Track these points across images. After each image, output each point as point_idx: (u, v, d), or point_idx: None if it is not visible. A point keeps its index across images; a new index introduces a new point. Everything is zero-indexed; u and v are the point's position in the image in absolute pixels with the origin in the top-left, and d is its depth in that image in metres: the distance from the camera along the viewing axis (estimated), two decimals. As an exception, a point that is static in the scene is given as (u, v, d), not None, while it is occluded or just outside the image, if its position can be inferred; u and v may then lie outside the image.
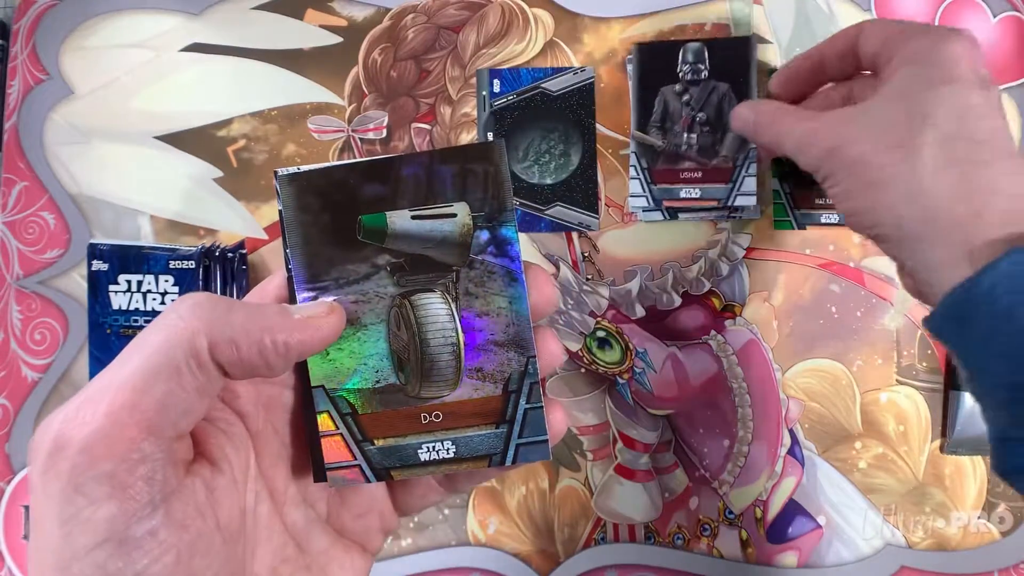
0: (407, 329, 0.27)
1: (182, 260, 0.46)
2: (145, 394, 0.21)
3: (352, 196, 0.26)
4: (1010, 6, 0.55)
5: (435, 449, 0.27)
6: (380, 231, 0.26)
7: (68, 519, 0.20)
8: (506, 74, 0.52)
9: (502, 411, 0.27)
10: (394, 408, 0.27)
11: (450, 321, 0.27)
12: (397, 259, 0.27)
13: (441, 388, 0.27)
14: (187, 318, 0.23)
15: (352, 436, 0.27)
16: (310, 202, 0.26)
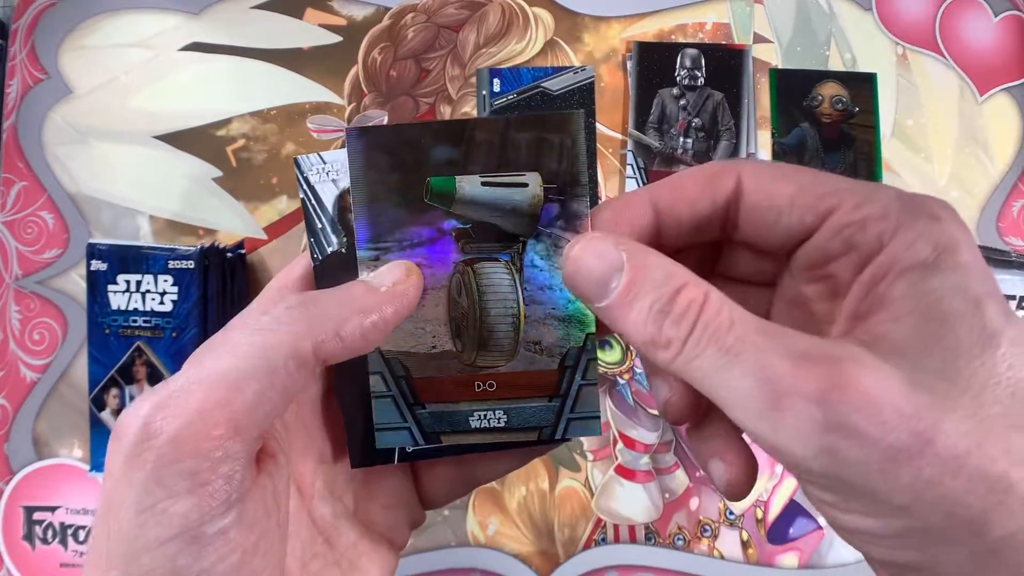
0: (468, 297, 0.26)
1: (181, 260, 0.46)
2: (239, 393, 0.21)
3: (422, 157, 0.25)
4: (1011, 5, 0.55)
5: (486, 417, 0.27)
6: (448, 195, 0.26)
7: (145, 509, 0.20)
8: (506, 73, 0.52)
9: (557, 385, 0.26)
10: (448, 374, 0.26)
11: (512, 292, 0.26)
12: (463, 225, 0.26)
13: (497, 358, 0.26)
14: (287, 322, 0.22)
15: (404, 399, 0.27)
16: (379, 160, 0.25)
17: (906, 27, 0.54)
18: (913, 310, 0.19)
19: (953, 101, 0.54)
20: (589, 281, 0.22)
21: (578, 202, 0.25)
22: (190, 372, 0.21)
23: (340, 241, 0.27)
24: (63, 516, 0.49)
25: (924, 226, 0.20)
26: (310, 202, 0.27)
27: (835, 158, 0.52)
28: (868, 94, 0.53)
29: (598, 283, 0.22)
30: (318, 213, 0.27)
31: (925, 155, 0.53)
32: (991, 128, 0.54)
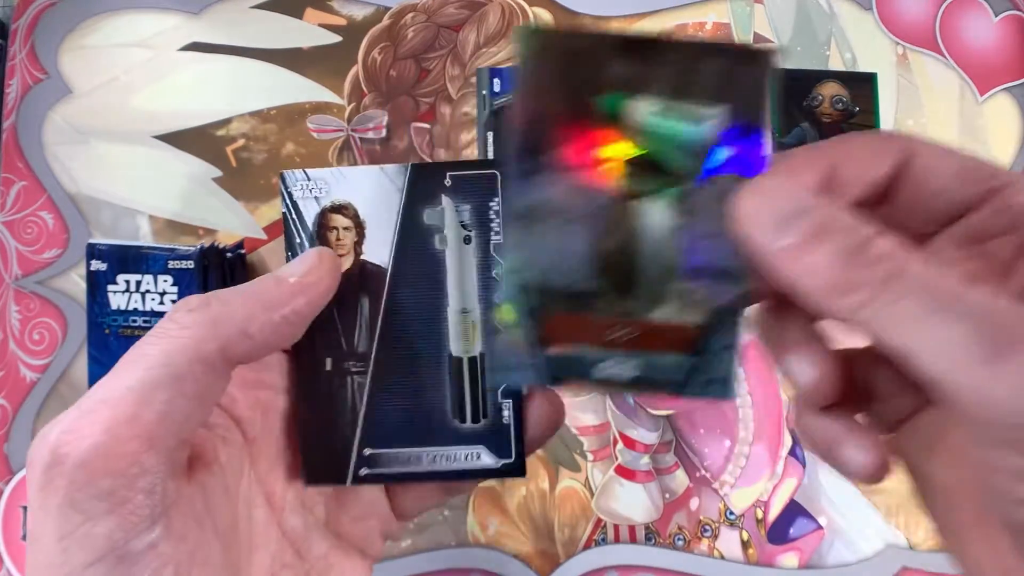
0: (621, 234, 0.23)
1: (181, 260, 0.46)
2: (146, 406, 0.21)
3: (597, 70, 0.22)
4: (1011, 5, 0.55)
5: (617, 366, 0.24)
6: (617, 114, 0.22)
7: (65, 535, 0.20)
8: (506, 73, 0.52)
9: (698, 341, 0.24)
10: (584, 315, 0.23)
11: (670, 235, 0.23)
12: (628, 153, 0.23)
13: (642, 304, 0.23)
14: (189, 324, 0.22)
15: (531, 335, 0.24)
16: (549, 68, 0.22)
17: (906, 27, 0.54)
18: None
19: (953, 101, 0.54)
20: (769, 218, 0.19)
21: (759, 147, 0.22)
22: (96, 392, 0.21)
23: None
24: (63, 516, 0.49)
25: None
26: (291, 216, 0.28)
27: (835, 158, 0.52)
28: (868, 94, 0.53)
29: (779, 221, 0.19)
30: (298, 228, 0.28)
31: (925, 155, 0.53)
32: (991, 128, 0.54)
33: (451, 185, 0.27)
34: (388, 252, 0.27)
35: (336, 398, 0.28)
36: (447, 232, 0.27)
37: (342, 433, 0.28)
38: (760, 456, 0.50)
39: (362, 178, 0.27)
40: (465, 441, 0.27)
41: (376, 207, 0.27)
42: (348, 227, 0.27)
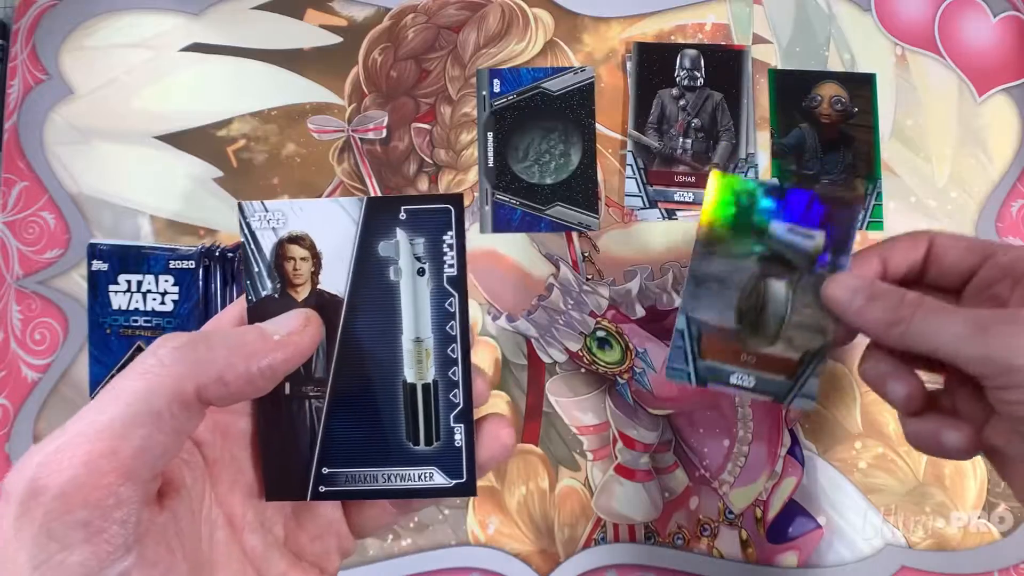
0: (756, 297, 0.37)
1: (182, 260, 0.46)
2: (123, 440, 0.21)
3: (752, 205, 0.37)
4: (1010, 6, 0.55)
5: (741, 378, 0.37)
6: (763, 231, 0.36)
7: (41, 563, 0.20)
8: (506, 74, 0.52)
9: (795, 370, 0.37)
10: (725, 342, 0.37)
11: (785, 303, 0.37)
12: (766, 251, 0.37)
13: (761, 342, 0.37)
14: (170, 364, 0.23)
15: (691, 351, 0.37)
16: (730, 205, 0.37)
17: (905, 27, 0.54)
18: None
19: (952, 101, 0.54)
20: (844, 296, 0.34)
21: (844, 259, 0.36)
22: (74, 426, 0.22)
23: (274, 287, 0.29)
24: (64, 515, 0.49)
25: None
26: (250, 246, 0.29)
27: (834, 158, 0.52)
28: (867, 94, 0.53)
29: (850, 298, 0.34)
30: (256, 258, 0.29)
31: (924, 155, 0.53)
32: (990, 128, 0.54)
33: (406, 219, 0.28)
34: (344, 282, 0.29)
35: (295, 420, 0.29)
36: (401, 264, 0.29)
37: (301, 453, 0.29)
38: (759, 455, 0.50)
39: (318, 210, 0.29)
40: (419, 463, 0.29)
41: (332, 238, 0.29)
42: (305, 257, 0.29)
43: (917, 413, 0.33)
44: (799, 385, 0.37)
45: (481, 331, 0.51)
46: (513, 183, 0.51)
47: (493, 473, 0.50)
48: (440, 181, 0.51)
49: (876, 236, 0.52)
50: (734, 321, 0.37)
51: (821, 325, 0.36)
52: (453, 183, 0.51)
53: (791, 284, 0.37)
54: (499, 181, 0.51)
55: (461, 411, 0.29)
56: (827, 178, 0.52)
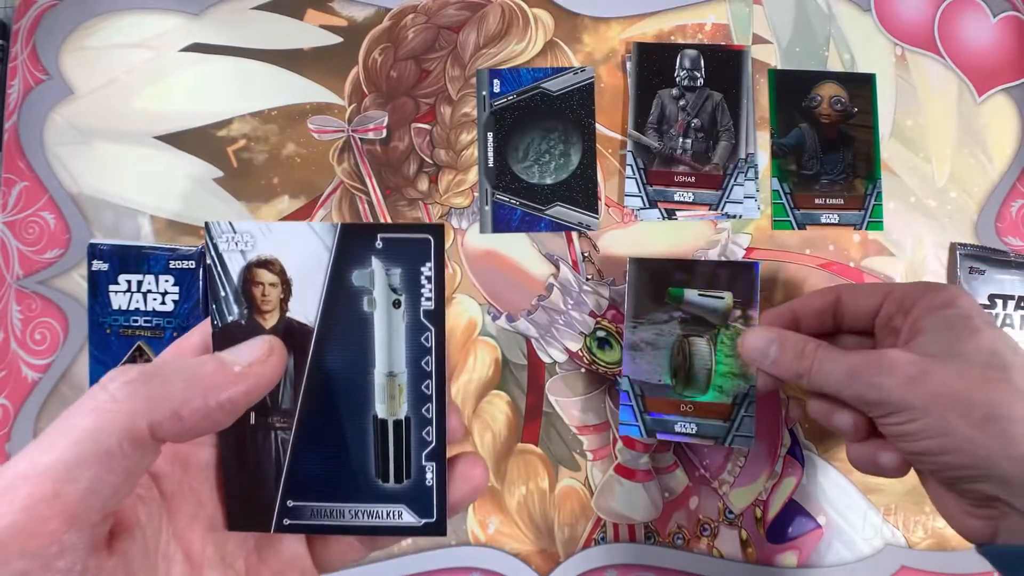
0: (683, 356, 0.45)
1: (182, 260, 0.46)
2: (69, 483, 0.20)
3: (668, 277, 0.46)
4: (1010, 6, 0.55)
5: (685, 426, 0.44)
6: (679, 298, 0.45)
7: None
8: (506, 74, 0.52)
9: (729, 413, 0.44)
10: (665, 397, 0.45)
11: (709, 356, 0.44)
12: (685, 315, 0.45)
13: (695, 392, 0.44)
14: (122, 399, 0.22)
15: (638, 407, 0.45)
16: (644, 277, 0.46)
17: (905, 28, 0.54)
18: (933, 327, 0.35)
19: (952, 101, 0.54)
20: (756, 351, 0.40)
21: (753, 311, 0.44)
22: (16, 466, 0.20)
23: (240, 312, 0.27)
24: (64, 515, 0.49)
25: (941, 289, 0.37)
26: (216, 268, 0.27)
27: (834, 158, 0.52)
28: (867, 94, 0.53)
29: (763, 352, 0.40)
30: (223, 281, 0.27)
31: (924, 155, 0.53)
32: (990, 128, 0.54)
33: (382, 247, 0.27)
34: (315, 311, 0.27)
35: (260, 451, 0.28)
36: (376, 295, 0.27)
37: (266, 484, 0.28)
38: (759, 455, 0.50)
39: (290, 234, 0.27)
40: (388, 499, 0.28)
41: (304, 264, 0.27)
42: (274, 283, 0.27)
43: (863, 439, 0.38)
44: (735, 426, 0.43)
45: (481, 331, 0.51)
46: (513, 183, 0.51)
47: (494, 473, 0.50)
48: (440, 181, 0.51)
49: (876, 236, 0.52)
50: (668, 378, 0.45)
51: (744, 372, 0.43)
52: (453, 183, 0.51)
53: (711, 340, 0.44)
54: (499, 181, 0.51)
55: (433, 449, 0.28)
56: (827, 178, 0.52)
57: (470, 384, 0.50)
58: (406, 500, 0.28)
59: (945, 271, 0.52)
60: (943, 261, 0.52)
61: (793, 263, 0.51)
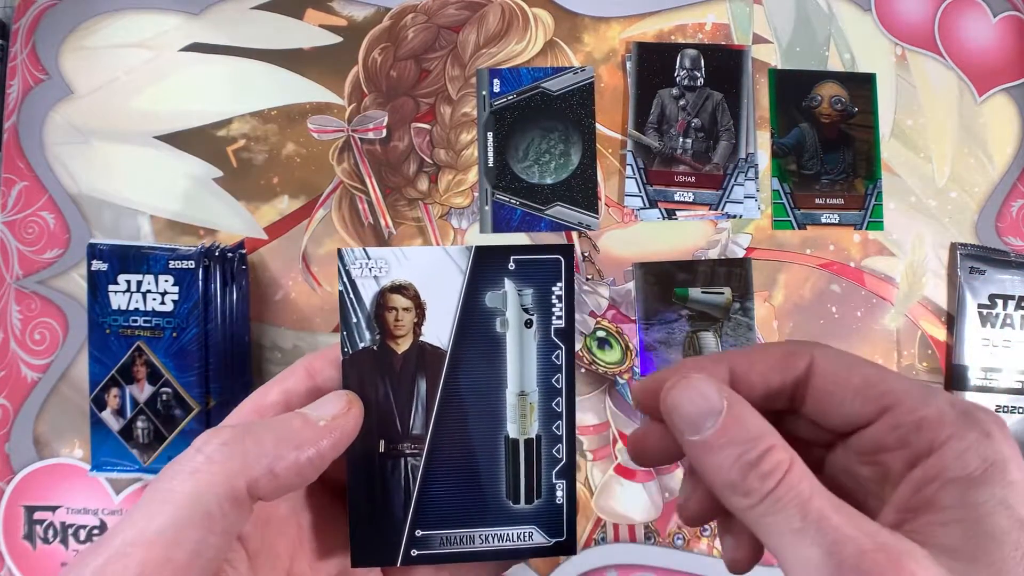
0: (693, 350, 0.49)
1: (182, 260, 0.46)
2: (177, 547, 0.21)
3: (672, 278, 0.49)
4: (1010, 6, 0.55)
5: None
6: (684, 297, 0.48)
7: None
8: (506, 74, 0.52)
9: None
10: None
11: (717, 348, 0.48)
12: (692, 312, 0.49)
13: None
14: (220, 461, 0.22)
15: None
16: (650, 280, 0.49)
17: (905, 27, 0.54)
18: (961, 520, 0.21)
19: (952, 101, 0.54)
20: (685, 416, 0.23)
21: (750, 302, 0.47)
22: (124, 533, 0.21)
23: (372, 338, 0.27)
24: (64, 516, 0.49)
25: (976, 439, 0.21)
26: (348, 295, 0.27)
27: (834, 158, 0.52)
28: (867, 94, 0.53)
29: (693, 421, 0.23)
30: (355, 307, 0.27)
31: (924, 155, 0.53)
32: (990, 128, 0.54)
33: (514, 269, 0.27)
34: (448, 334, 0.27)
35: (389, 480, 0.28)
36: (508, 315, 0.27)
37: (394, 514, 0.28)
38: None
39: (424, 258, 0.27)
40: (518, 521, 0.28)
41: (437, 288, 0.27)
42: (408, 308, 0.27)
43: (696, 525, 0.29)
44: None
45: (481, 331, 0.51)
46: (513, 183, 0.51)
47: (493, 473, 0.50)
48: (440, 181, 0.51)
49: (876, 236, 0.52)
50: None
51: None
52: (453, 183, 0.51)
53: (716, 331, 0.48)
54: (499, 181, 0.51)
55: (563, 467, 0.28)
56: (827, 178, 0.52)
57: (470, 384, 0.50)
58: (536, 520, 0.28)
59: (945, 271, 0.52)
60: (943, 261, 0.52)
61: (793, 263, 0.51)
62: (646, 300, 0.49)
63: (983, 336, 0.51)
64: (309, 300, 0.51)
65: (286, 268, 0.51)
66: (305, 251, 0.51)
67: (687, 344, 0.49)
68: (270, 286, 0.51)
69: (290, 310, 0.51)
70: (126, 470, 0.46)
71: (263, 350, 0.50)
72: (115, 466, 0.47)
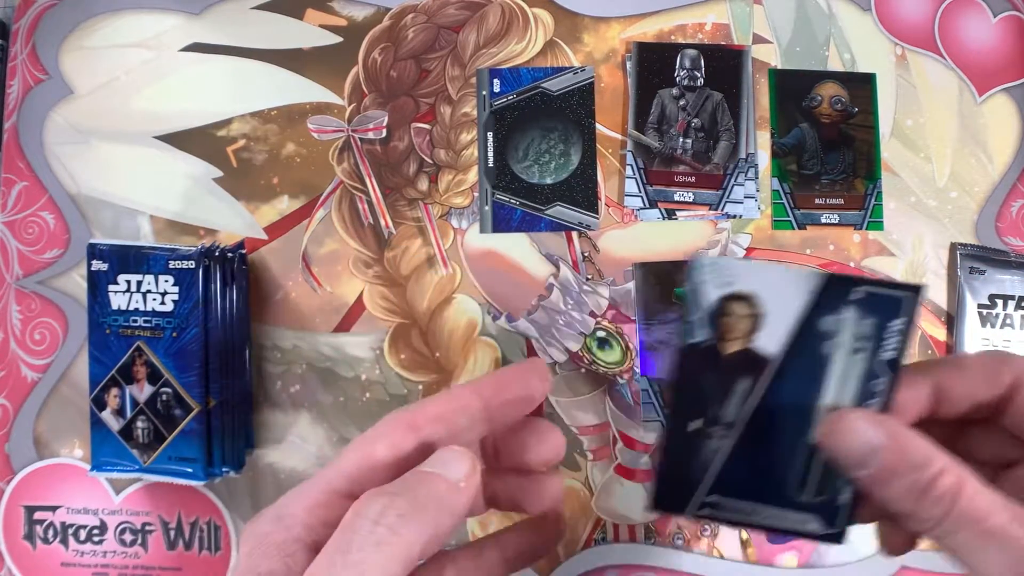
0: None
1: (182, 260, 0.46)
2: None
3: (672, 278, 0.49)
4: (1010, 6, 0.55)
5: None
6: (683, 296, 0.36)
7: None
8: (506, 74, 0.52)
9: None
10: None
11: None
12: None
13: None
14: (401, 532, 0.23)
15: (658, 403, 0.49)
16: (650, 280, 0.49)
17: (905, 27, 0.54)
18: None
19: (952, 101, 0.54)
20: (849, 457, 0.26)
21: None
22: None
23: (707, 337, 0.30)
24: (64, 516, 0.49)
25: None
26: (694, 294, 0.30)
27: (834, 158, 0.52)
28: (867, 94, 0.53)
29: (858, 459, 0.25)
30: (697, 306, 0.30)
31: (924, 155, 0.53)
32: (990, 128, 0.54)
33: (861, 299, 0.29)
34: (777, 345, 0.29)
35: (696, 450, 0.31)
36: (841, 340, 0.29)
37: (693, 477, 0.31)
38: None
39: (772, 275, 0.29)
40: (800, 509, 0.30)
41: (777, 303, 0.29)
42: (745, 316, 0.30)
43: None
44: None
45: (481, 331, 0.51)
46: (513, 183, 0.51)
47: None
48: (440, 181, 0.51)
49: (876, 236, 0.52)
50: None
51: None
52: (453, 183, 0.51)
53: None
54: (499, 181, 0.51)
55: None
56: (827, 178, 0.52)
57: (470, 384, 0.50)
58: (817, 511, 0.30)
59: (945, 271, 0.52)
60: (943, 261, 0.52)
61: (793, 263, 0.51)
62: (646, 300, 0.49)
63: (983, 336, 0.51)
64: (309, 300, 0.51)
65: (286, 268, 0.51)
66: (305, 251, 0.51)
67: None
68: (270, 286, 0.51)
69: (290, 310, 0.51)
70: (126, 470, 0.46)
71: (263, 350, 0.50)
72: (115, 466, 0.47)
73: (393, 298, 0.51)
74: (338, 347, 0.51)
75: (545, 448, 0.29)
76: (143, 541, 0.49)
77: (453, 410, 0.26)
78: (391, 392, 0.50)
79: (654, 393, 0.49)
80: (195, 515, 0.50)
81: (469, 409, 0.26)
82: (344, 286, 0.51)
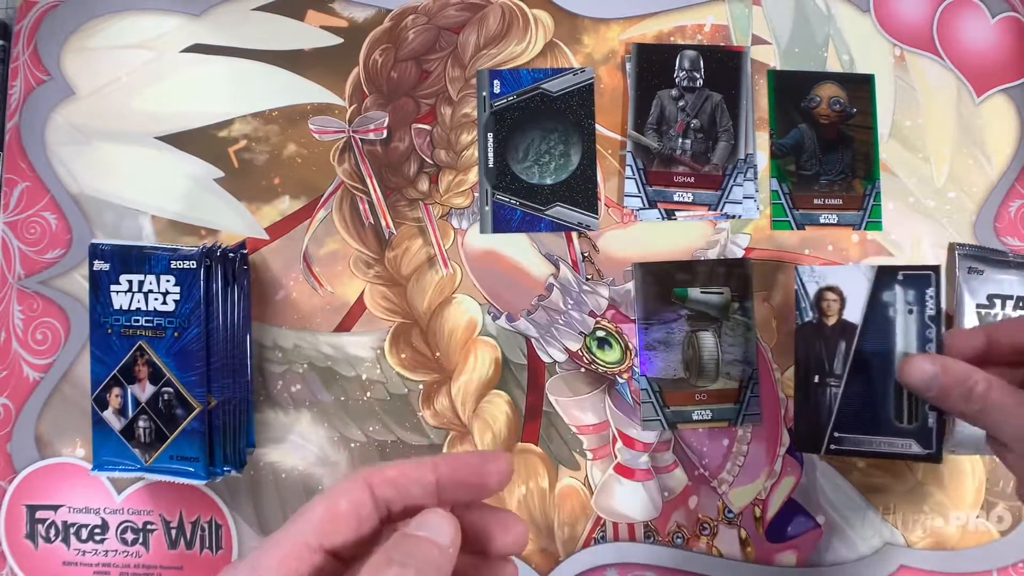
0: (692, 349, 0.50)
1: (183, 260, 0.46)
2: None
3: (671, 278, 0.50)
4: (1008, 7, 0.55)
5: (701, 413, 0.49)
6: (684, 297, 0.50)
7: None
8: (506, 75, 0.52)
9: (738, 396, 0.50)
10: (680, 390, 0.50)
11: (715, 347, 0.50)
12: (691, 312, 0.50)
13: (707, 382, 0.50)
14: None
15: (657, 403, 0.49)
16: (650, 280, 0.50)
17: (904, 28, 0.54)
18: None
19: (951, 102, 0.54)
20: (918, 384, 0.40)
21: (748, 301, 0.50)
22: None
23: (814, 316, 0.46)
24: (65, 515, 0.50)
25: None
26: (802, 290, 0.46)
27: (833, 159, 0.53)
28: (866, 95, 0.53)
29: (926, 385, 0.40)
30: (805, 297, 0.46)
31: (923, 156, 0.53)
32: (989, 129, 0.54)
33: (902, 279, 0.44)
34: (859, 315, 0.44)
35: (819, 399, 0.45)
36: (897, 306, 0.44)
37: (822, 420, 0.45)
38: (758, 454, 0.50)
39: (847, 272, 0.45)
40: (902, 435, 0.43)
41: (854, 288, 0.45)
42: (835, 299, 0.45)
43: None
44: (744, 407, 0.49)
45: (481, 331, 0.51)
46: (513, 183, 0.51)
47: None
48: (440, 181, 0.52)
49: (875, 236, 0.52)
50: (682, 372, 0.49)
51: (748, 357, 0.49)
52: (453, 183, 0.52)
53: (716, 332, 0.50)
54: (499, 181, 0.51)
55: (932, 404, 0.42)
56: (826, 178, 0.52)
57: (470, 384, 0.50)
58: (915, 435, 0.43)
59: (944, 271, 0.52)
60: (942, 261, 0.52)
61: (793, 263, 0.51)
62: (646, 300, 0.50)
63: (981, 336, 0.51)
64: (310, 300, 0.51)
65: (287, 268, 0.51)
66: (306, 251, 0.51)
67: (686, 344, 0.49)
68: (271, 286, 0.51)
69: (291, 310, 0.51)
70: (128, 469, 0.47)
71: (264, 350, 0.51)
72: (117, 465, 0.47)
73: (394, 298, 0.51)
74: (339, 347, 0.51)
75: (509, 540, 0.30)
76: (144, 540, 0.50)
77: (409, 479, 0.28)
78: (392, 391, 0.51)
79: (653, 392, 0.49)
80: (196, 514, 0.50)
81: (422, 481, 0.28)
82: (345, 286, 0.51)
